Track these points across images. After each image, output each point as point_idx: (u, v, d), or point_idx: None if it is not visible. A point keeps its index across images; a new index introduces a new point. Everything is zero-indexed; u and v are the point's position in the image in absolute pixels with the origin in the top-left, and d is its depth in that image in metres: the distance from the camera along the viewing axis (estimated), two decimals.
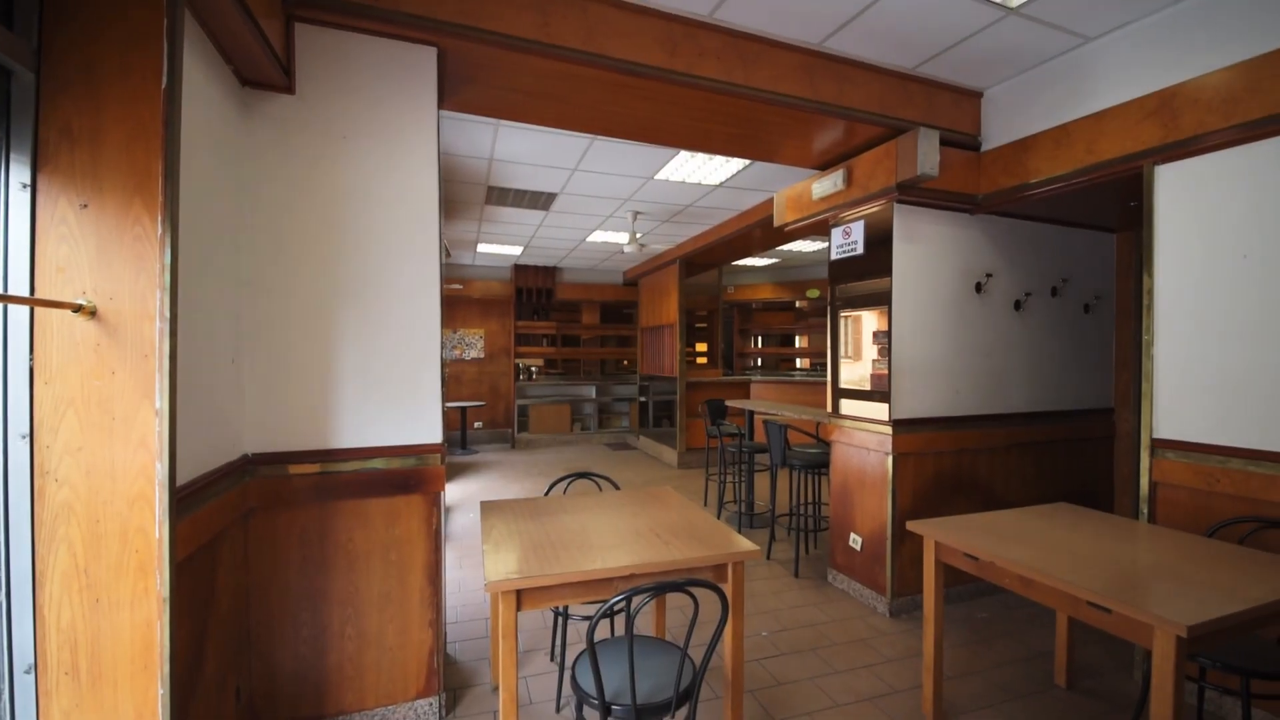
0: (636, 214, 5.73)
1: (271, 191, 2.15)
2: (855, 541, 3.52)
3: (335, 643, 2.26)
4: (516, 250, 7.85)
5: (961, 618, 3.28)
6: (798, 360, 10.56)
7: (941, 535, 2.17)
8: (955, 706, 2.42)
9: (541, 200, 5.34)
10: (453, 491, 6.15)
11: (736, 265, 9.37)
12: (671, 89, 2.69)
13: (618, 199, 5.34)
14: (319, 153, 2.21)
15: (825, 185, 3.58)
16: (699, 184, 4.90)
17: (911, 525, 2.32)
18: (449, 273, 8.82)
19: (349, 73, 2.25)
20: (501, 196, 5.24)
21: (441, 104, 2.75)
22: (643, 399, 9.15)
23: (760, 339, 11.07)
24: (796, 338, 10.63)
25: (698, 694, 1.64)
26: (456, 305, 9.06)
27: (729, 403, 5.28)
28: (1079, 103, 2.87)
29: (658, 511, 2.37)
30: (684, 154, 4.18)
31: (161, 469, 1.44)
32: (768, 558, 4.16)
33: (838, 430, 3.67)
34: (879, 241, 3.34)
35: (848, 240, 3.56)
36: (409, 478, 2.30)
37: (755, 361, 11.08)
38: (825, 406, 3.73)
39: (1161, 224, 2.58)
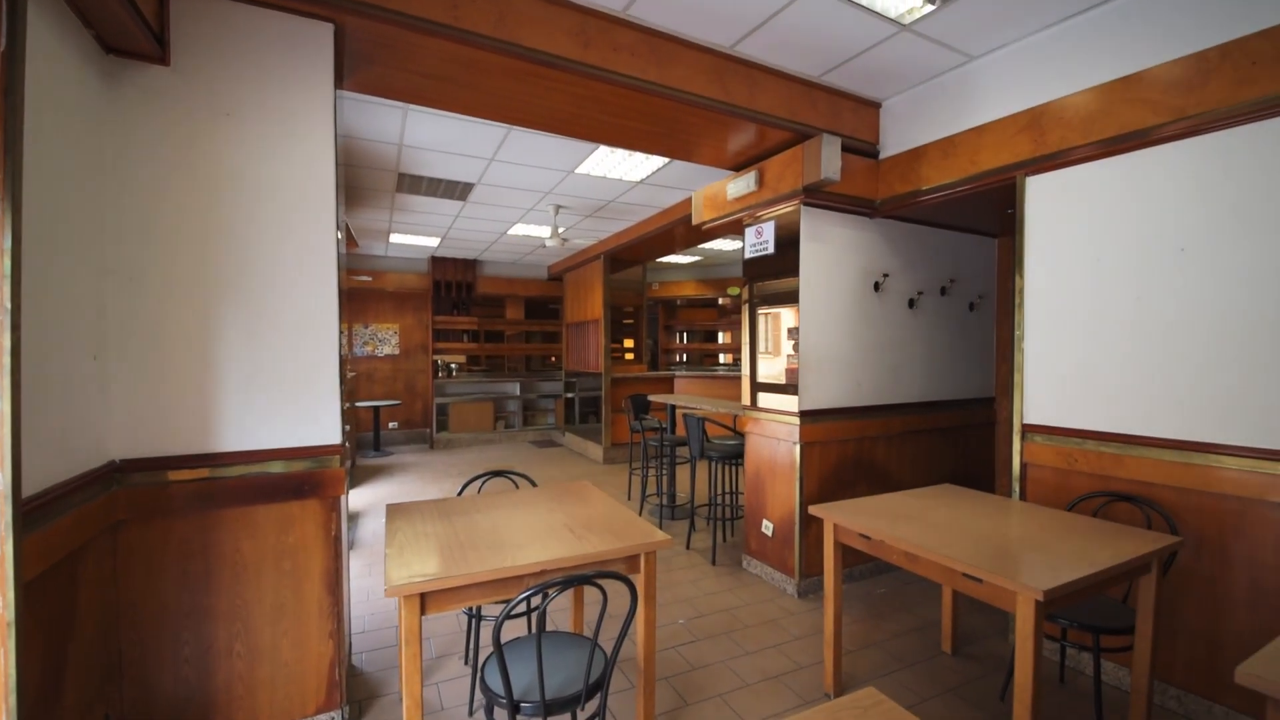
0: (558, 208, 5.68)
1: (143, 171, 1.95)
2: (767, 528, 3.67)
3: (223, 661, 2.10)
4: (433, 242, 7.56)
5: (863, 594, 3.50)
6: (721, 356, 10.87)
7: (839, 518, 2.31)
8: (854, 678, 2.59)
9: (458, 190, 5.17)
10: (363, 496, 5.86)
11: (661, 262, 9.50)
12: (586, 82, 2.68)
13: (539, 192, 5.26)
14: (198, 130, 2.03)
15: (739, 186, 3.70)
16: (620, 180, 4.92)
17: (813, 509, 2.45)
18: (358, 264, 8.37)
19: (234, 45, 2.08)
20: (414, 185, 5.02)
21: (341, 84, 2.61)
22: (568, 395, 9.10)
23: (685, 335, 11.30)
24: (720, 334, 10.94)
25: (608, 685, 1.66)
26: (368, 299, 8.61)
27: (651, 398, 5.35)
28: (963, 116, 3.13)
29: (574, 507, 2.37)
30: (604, 149, 4.18)
31: (2, 479, 1.28)
32: (687, 547, 4.26)
33: (752, 422, 3.81)
34: (789, 242, 3.49)
35: (760, 240, 3.70)
36: (305, 481, 2.17)
37: (680, 357, 11.30)
38: (757, 401, 3.84)
39: (1031, 230, 2.86)
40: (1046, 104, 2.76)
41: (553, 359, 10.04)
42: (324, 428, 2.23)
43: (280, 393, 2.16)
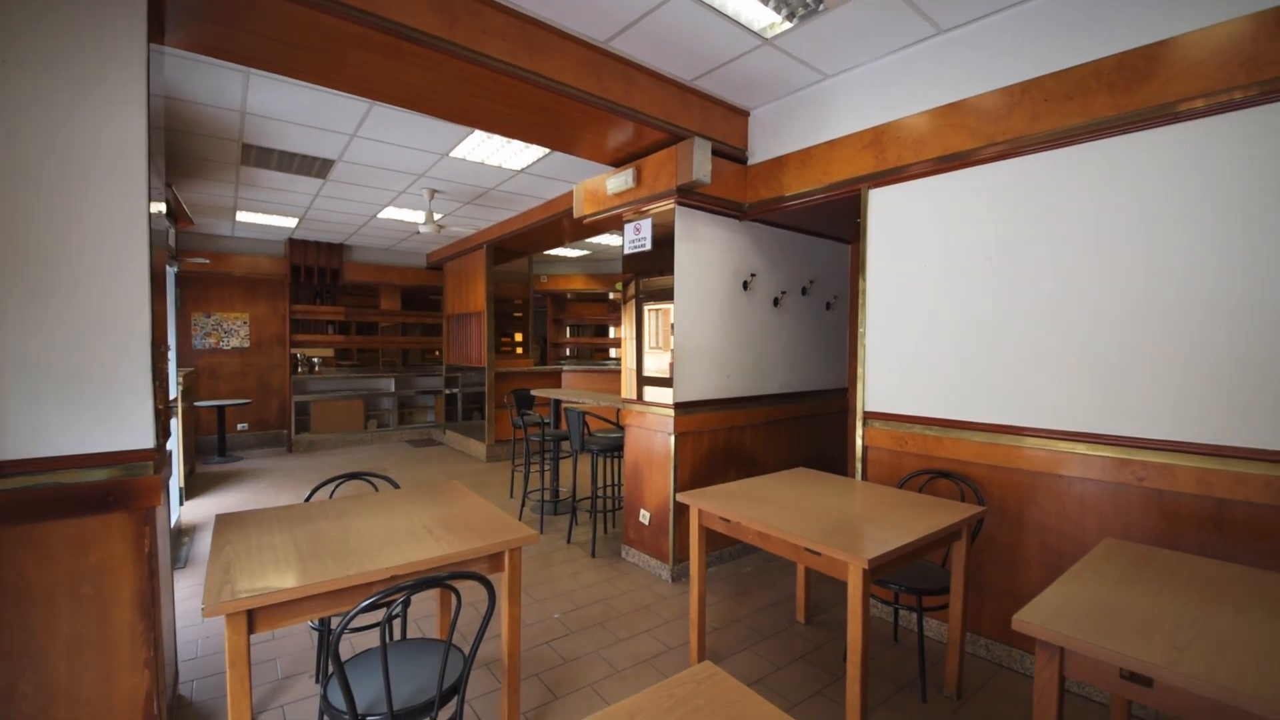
0: (433, 192, 5.39)
1: None
2: (644, 517, 3.77)
3: (3, 706, 1.76)
4: (289, 222, 6.87)
5: (730, 574, 3.71)
6: (612, 350, 10.96)
7: (702, 504, 2.42)
8: (717, 654, 2.74)
9: (315, 166, 4.73)
10: (202, 507, 5.21)
11: (549, 255, 9.37)
12: (454, 62, 2.55)
13: (410, 174, 4.96)
14: None
15: (618, 181, 3.74)
16: (500, 167, 4.77)
17: (679, 497, 2.55)
18: (196, 244, 7.40)
19: None
20: (263, 158, 4.52)
21: (162, 38, 2.28)
22: (450, 391, 8.70)
23: (575, 329, 11.25)
24: (610, 328, 11.02)
25: (465, 688, 1.61)
26: (209, 284, 7.64)
27: (535, 392, 5.27)
28: (819, 130, 3.39)
29: (437, 508, 2.27)
30: (480, 134, 4.03)
31: None
32: (568, 541, 4.26)
33: (631, 415, 3.88)
34: (666, 239, 3.59)
35: (638, 236, 3.77)
36: (109, 493, 1.88)
37: (570, 351, 11.23)
38: (636, 394, 3.89)
39: (872, 237, 3.17)
40: (887, 123, 3.06)
41: (437, 352, 9.55)
42: (134, 430, 1.94)
43: (77, 392, 1.85)
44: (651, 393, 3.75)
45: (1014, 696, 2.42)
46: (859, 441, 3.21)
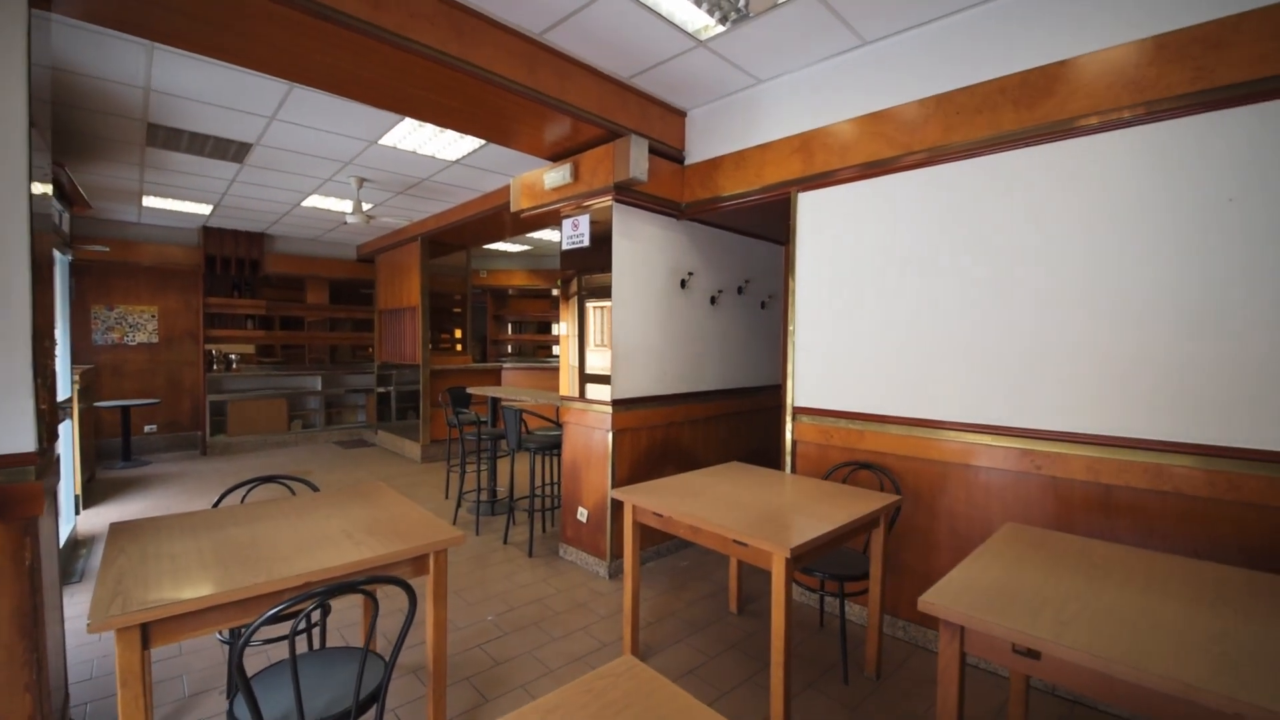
0: (362, 181, 5.16)
1: None
2: (582, 514, 3.75)
3: None
4: (203, 209, 6.41)
5: (668, 569, 3.76)
6: (555, 348, 10.84)
7: (637, 500, 2.44)
8: (652, 647, 2.77)
9: (231, 150, 4.44)
10: (103, 516, 4.80)
11: (489, 249, 9.16)
12: (379, 46, 2.45)
13: (337, 161, 4.73)
14: None
15: (555, 176, 3.70)
16: (434, 157, 4.62)
17: (614, 493, 2.56)
18: (96, 230, 6.80)
19: None
20: (171, 139, 4.20)
21: (48, 4, 2.07)
22: (382, 389, 8.37)
23: (517, 325, 11.06)
24: (554, 325, 10.90)
25: (384, 696, 1.55)
26: (111, 275, 7.03)
27: (471, 390, 5.14)
28: (752, 133, 3.47)
29: (359, 510, 2.18)
30: (410, 121, 3.89)
31: None
32: (505, 542, 4.19)
33: (570, 412, 3.86)
34: (605, 236, 3.58)
35: (576, 232, 3.74)
36: None
37: (512, 348, 11.04)
38: (574, 391, 3.86)
39: (801, 239, 3.28)
40: (815, 130, 3.17)
41: (368, 350, 9.17)
42: (12, 432, 1.76)
43: None
44: (594, 390, 3.74)
45: (929, 675, 2.57)
46: (788, 436, 3.31)
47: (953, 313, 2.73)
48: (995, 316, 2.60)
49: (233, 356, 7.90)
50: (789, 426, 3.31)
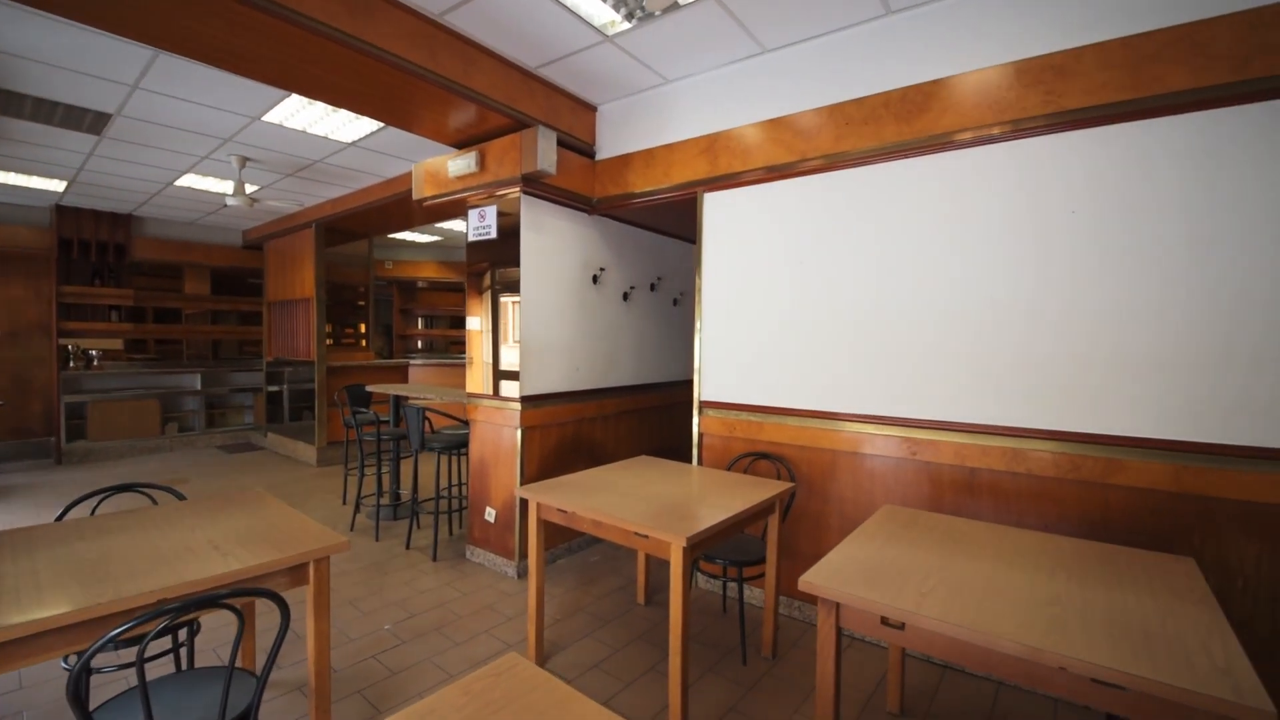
0: (245, 160, 4.73)
1: None
2: (490, 515, 3.66)
3: None
4: (56, 185, 5.64)
5: (580, 564, 3.75)
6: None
7: (541, 497, 2.41)
8: (558, 644, 2.75)
9: (87, 120, 3.93)
10: None
11: (395, 239, 8.71)
12: (258, 16, 2.25)
13: (214, 137, 4.31)
14: None
15: (460, 165, 3.57)
16: (327, 138, 4.32)
17: (518, 491, 2.51)
18: None
19: None
20: (12, 104, 3.66)
21: None
22: (273, 388, 7.73)
23: (428, 320, 10.58)
24: (467, 320, 10.50)
25: (255, 716, 1.44)
26: None
27: (371, 388, 4.87)
28: (662, 132, 3.52)
29: (231, 520, 2.00)
30: (299, 98, 3.61)
31: None
32: (407, 547, 4.01)
33: (477, 410, 3.74)
34: (514, 229, 3.50)
35: (483, 223, 3.63)
36: None
37: (422, 344, 10.55)
38: (481, 388, 3.73)
39: (707, 238, 3.37)
40: (719, 132, 3.26)
41: (258, 344, 8.44)
42: None
43: None
44: (509, 387, 3.64)
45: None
46: (695, 429, 3.40)
47: (845, 312, 2.91)
48: (881, 316, 2.80)
49: (93, 352, 7.01)
50: (696, 420, 3.39)
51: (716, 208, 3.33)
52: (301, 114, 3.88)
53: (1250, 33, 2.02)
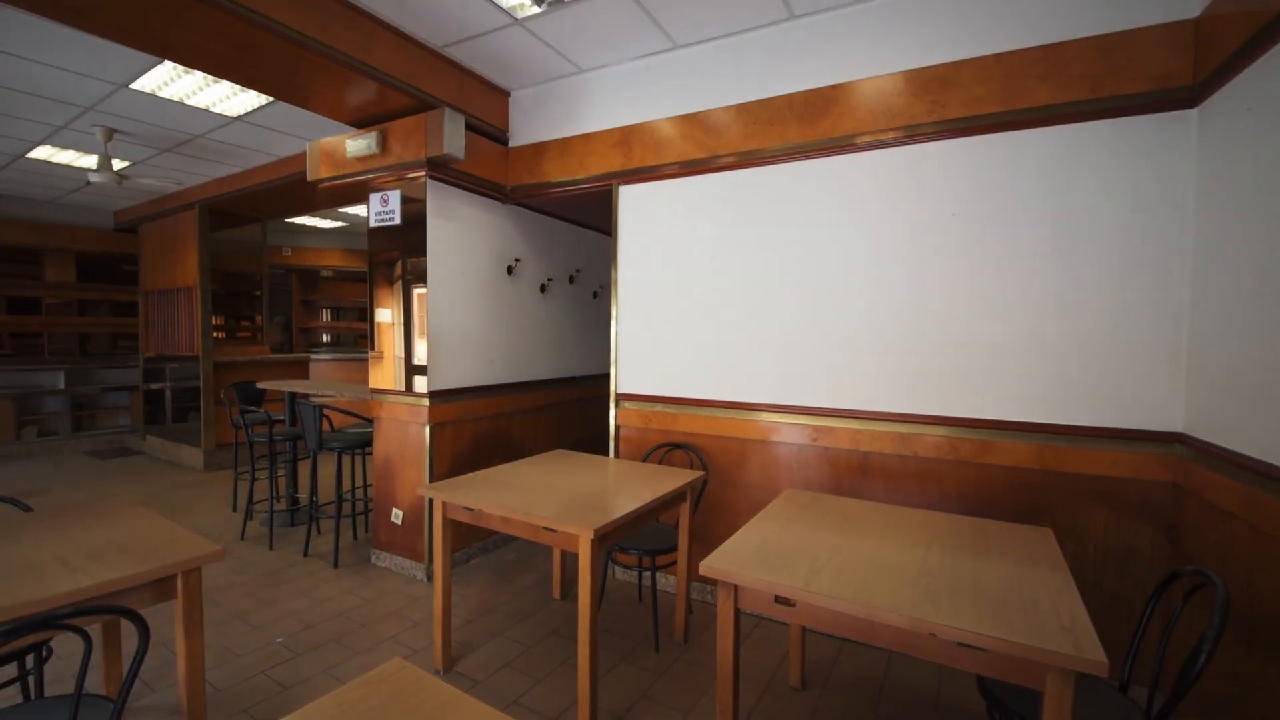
0: (111, 132, 4.23)
1: None
2: (397, 516, 3.50)
3: None
4: None
5: (495, 563, 3.66)
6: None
7: (446, 495, 2.32)
8: (468, 645, 2.67)
9: None
10: None
11: (295, 224, 8.11)
12: None
13: (74, 105, 3.82)
14: None
15: (359, 145, 3.36)
16: (208, 110, 3.94)
17: (421, 490, 2.41)
18: None
19: None
20: None
21: None
22: (152, 386, 7.00)
23: (334, 312, 9.92)
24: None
25: None
26: None
27: (263, 385, 4.51)
28: (577, 122, 3.47)
29: (87, 532, 1.79)
30: (171, 66, 3.26)
31: None
32: (305, 554, 3.75)
33: (382, 406, 3.55)
34: (420, 215, 3.34)
35: (386, 209, 3.44)
36: None
37: (326, 337, 9.90)
38: (392, 383, 3.52)
39: (622, 231, 3.37)
40: (634, 125, 3.26)
41: (135, 338, 7.59)
42: None
43: None
44: (422, 381, 3.46)
45: None
46: (612, 421, 3.40)
47: (755, 306, 3.00)
48: (787, 310, 2.91)
49: None
50: (613, 412, 3.39)
51: (631, 201, 3.34)
52: (177, 84, 3.51)
53: (1101, 56, 2.26)
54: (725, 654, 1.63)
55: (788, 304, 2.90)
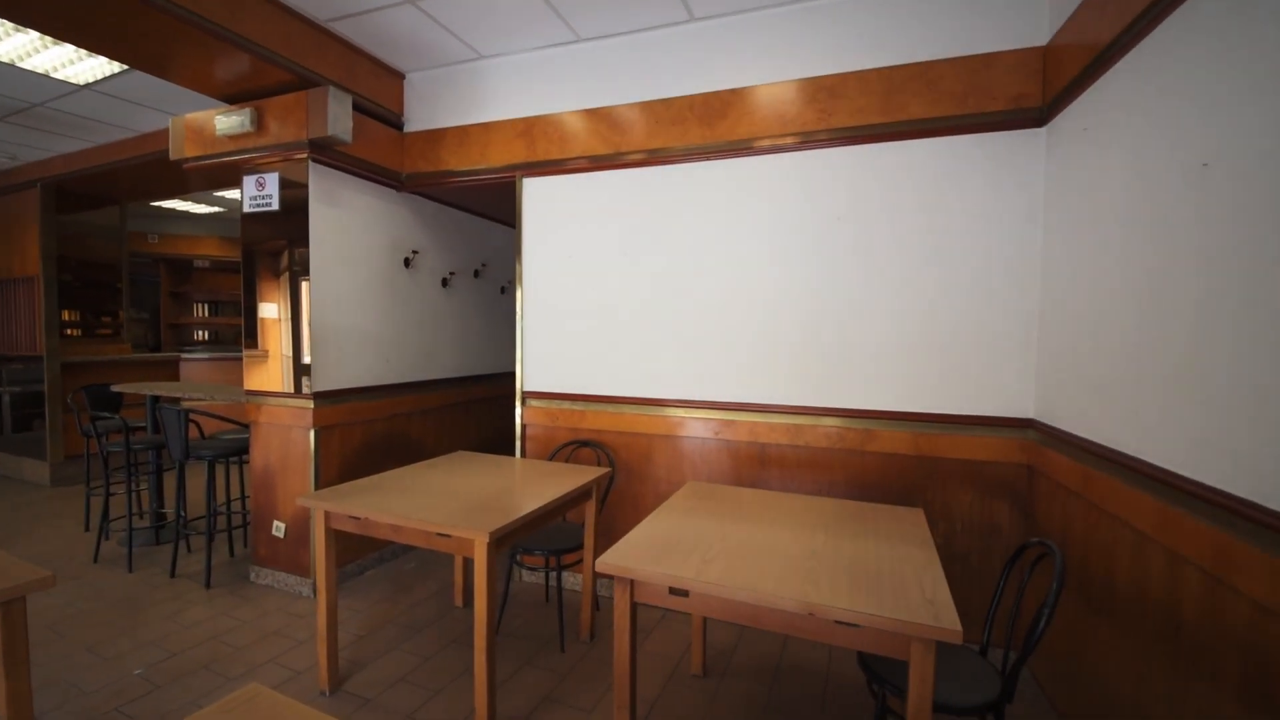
0: None
1: None
2: (278, 529, 3.22)
3: None
4: None
5: (392, 573, 3.47)
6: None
7: (331, 504, 2.16)
8: (359, 662, 2.51)
9: None
10: None
11: (164, 209, 7.27)
12: None
13: None
14: None
15: (230, 122, 3.05)
16: (48, 76, 3.43)
17: (303, 499, 2.23)
18: None
19: None
20: None
21: None
22: None
23: (212, 306, 8.99)
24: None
25: None
26: None
27: (120, 388, 3.99)
28: (476, 110, 3.34)
29: None
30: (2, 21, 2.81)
31: None
32: (172, 576, 3.37)
33: (260, 410, 3.25)
34: (302, 201, 3.08)
35: (262, 193, 3.15)
36: None
37: (202, 334, 8.96)
38: (279, 384, 3.21)
39: (527, 225, 3.28)
40: (537, 116, 3.19)
41: None
42: None
43: None
44: (285, 381, 3.20)
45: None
46: (519, 420, 3.32)
47: (661, 303, 3.02)
48: (692, 308, 2.96)
49: None
50: (519, 411, 3.31)
51: (536, 193, 3.26)
52: (6, 43, 3.03)
53: (967, 75, 2.46)
54: (622, 649, 1.63)
55: (693, 302, 2.95)
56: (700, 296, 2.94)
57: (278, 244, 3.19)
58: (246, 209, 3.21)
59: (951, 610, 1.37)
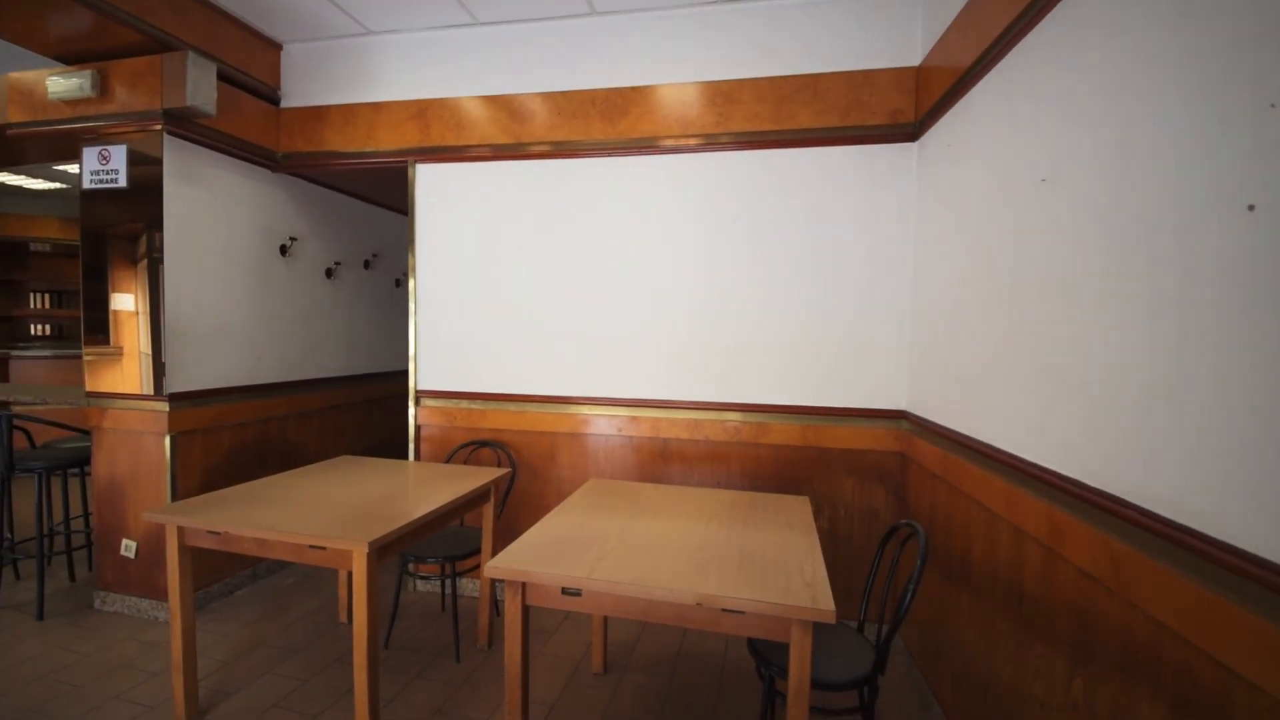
0: None
1: None
2: (129, 549, 2.84)
3: None
4: None
5: (269, 591, 3.17)
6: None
7: (184, 519, 1.93)
8: (224, 691, 2.27)
9: None
10: None
11: None
12: None
13: None
14: None
15: (65, 85, 2.65)
16: None
17: (150, 514, 1.97)
18: None
19: None
20: None
21: None
22: None
23: (55, 297, 7.78)
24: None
25: None
26: None
27: None
28: (363, 88, 3.12)
29: None
30: None
31: None
32: None
33: (103, 415, 2.85)
34: (154, 179, 2.72)
35: (106, 167, 2.76)
36: None
37: (42, 328, 7.75)
38: (138, 385, 2.80)
39: (420, 214, 3.12)
40: (432, 99, 3.03)
41: None
42: None
43: None
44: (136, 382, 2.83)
45: (534, 630, 2.78)
46: (412, 422, 3.14)
47: (563, 298, 2.97)
48: (595, 303, 2.93)
49: None
50: (412, 412, 3.14)
51: (431, 181, 3.10)
52: None
53: (851, 89, 2.62)
54: (513, 652, 1.58)
55: (596, 298, 2.93)
56: (604, 293, 2.92)
57: (133, 227, 2.81)
58: (87, 185, 2.80)
59: (827, 592, 1.44)
